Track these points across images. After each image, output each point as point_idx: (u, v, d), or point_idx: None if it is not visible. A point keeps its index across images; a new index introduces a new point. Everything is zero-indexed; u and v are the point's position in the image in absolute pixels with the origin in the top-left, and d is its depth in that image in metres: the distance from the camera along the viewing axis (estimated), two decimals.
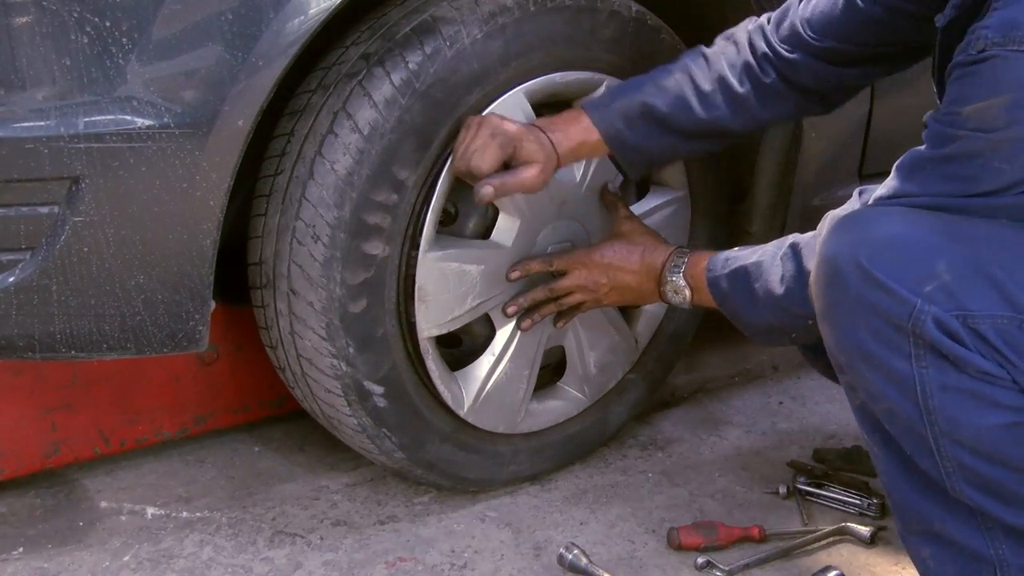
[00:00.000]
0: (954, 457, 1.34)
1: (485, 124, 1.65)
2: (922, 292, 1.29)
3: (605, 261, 1.79)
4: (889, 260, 1.32)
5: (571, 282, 1.80)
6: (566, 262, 1.80)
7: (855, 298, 1.33)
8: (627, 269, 1.78)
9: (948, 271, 1.30)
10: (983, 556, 1.39)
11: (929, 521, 1.41)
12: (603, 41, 1.80)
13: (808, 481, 1.94)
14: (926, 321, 1.29)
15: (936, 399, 1.32)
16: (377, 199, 1.63)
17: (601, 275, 1.79)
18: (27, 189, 1.43)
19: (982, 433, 1.32)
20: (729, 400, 2.33)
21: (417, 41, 1.62)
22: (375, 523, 1.87)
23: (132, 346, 1.58)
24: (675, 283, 1.74)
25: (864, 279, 1.32)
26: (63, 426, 1.92)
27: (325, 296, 1.65)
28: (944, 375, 1.31)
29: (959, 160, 1.34)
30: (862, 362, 1.36)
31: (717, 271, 1.66)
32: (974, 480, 1.35)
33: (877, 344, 1.33)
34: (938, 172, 1.37)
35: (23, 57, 1.39)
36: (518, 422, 1.91)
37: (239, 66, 1.46)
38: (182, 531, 1.85)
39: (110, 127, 1.42)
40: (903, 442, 1.39)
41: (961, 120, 1.32)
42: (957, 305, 1.29)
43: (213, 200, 1.51)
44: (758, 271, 1.59)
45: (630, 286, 1.79)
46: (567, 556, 1.69)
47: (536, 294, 1.82)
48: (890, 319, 1.31)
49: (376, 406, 1.74)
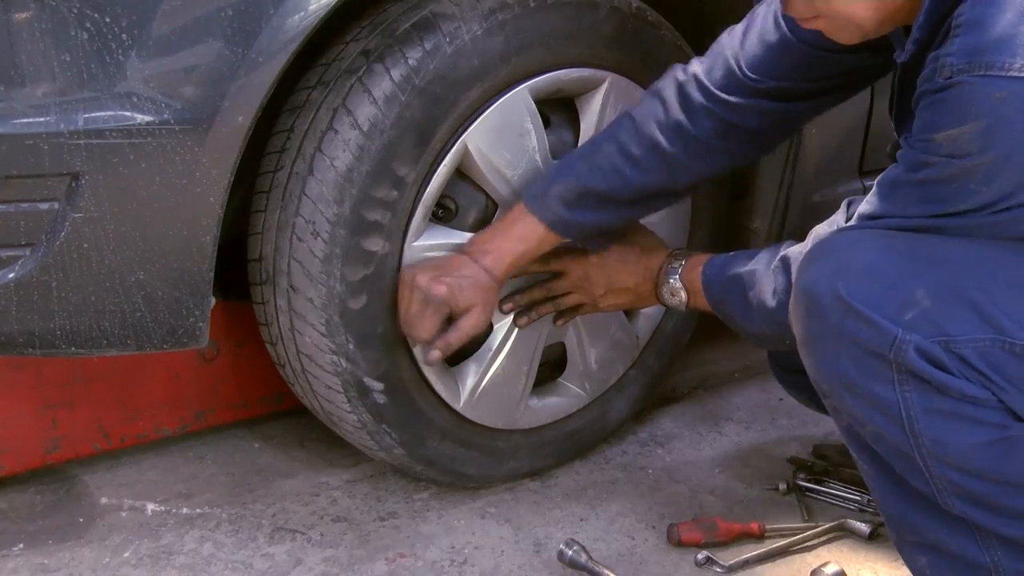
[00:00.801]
0: (943, 476, 1.34)
1: (416, 290, 1.66)
2: (902, 321, 1.29)
3: (601, 262, 1.79)
4: (867, 290, 1.30)
5: (568, 283, 1.81)
6: (563, 263, 1.80)
7: (835, 329, 1.32)
8: (623, 271, 1.78)
9: (927, 297, 1.29)
10: (979, 563, 1.39)
11: (923, 533, 1.41)
12: (604, 37, 1.80)
13: (808, 477, 1.94)
14: (908, 350, 1.28)
15: (921, 423, 1.31)
16: (377, 195, 1.63)
17: (598, 276, 1.79)
18: (27, 185, 1.43)
19: (968, 451, 1.31)
20: (729, 396, 2.33)
21: (417, 37, 1.62)
22: (375, 519, 1.87)
23: (132, 342, 1.58)
24: (672, 286, 1.74)
25: (843, 310, 1.31)
26: (63, 422, 1.92)
27: (325, 292, 1.65)
28: (927, 399, 1.30)
29: (935, 184, 1.33)
30: (845, 391, 1.36)
31: (713, 276, 1.67)
32: (965, 495, 1.34)
33: (859, 373, 1.33)
34: (914, 194, 1.36)
35: (23, 53, 1.39)
36: (517, 418, 1.92)
37: (239, 62, 1.46)
38: (182, 527, 1.85)
39: (110, 123, 1.42)
40: (892, 462, 1.38)
41: (935, 146, 1.30)
42: (938, 331, 1.28)
43: (213, 196, 1.51)
44: (752, 280, 1.59)
45: (627, 287, 1.79)
46: (567, 552, 1.69)
47: (534, 293, 1.82)
48: (871, 349, 1.31)
49: (376, 402, 1.74)
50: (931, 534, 1.40)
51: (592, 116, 1.84)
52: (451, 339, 1.70)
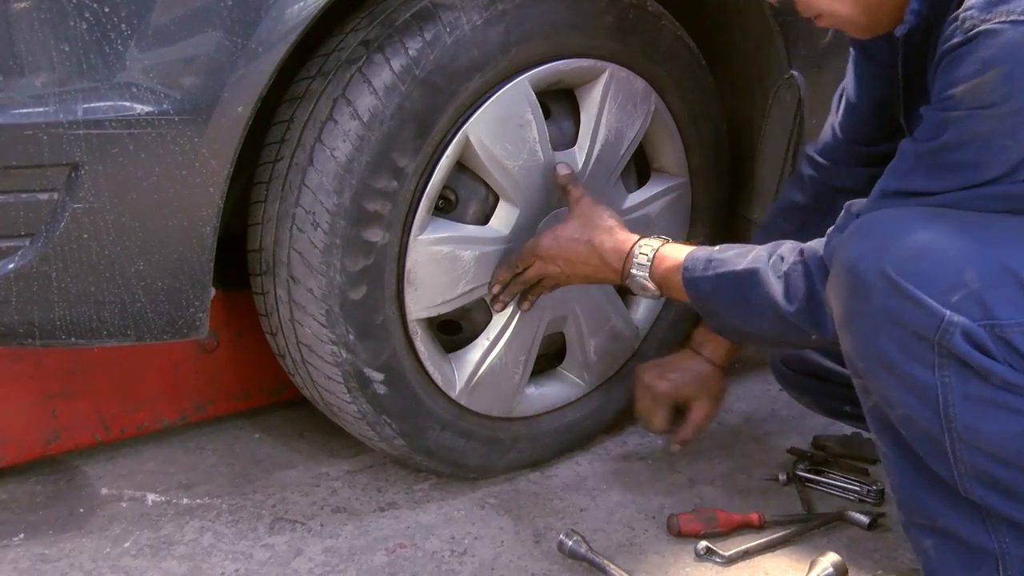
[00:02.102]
0: (970, 462, 1.33)
1: (644, 388, 1.86)
2: (950, 302, 1.27)
3: (552, 252, 1.74)
4: (916, 269, 1.29)
5: (534, 273, 1.78)
6: (523, 259, 1.77)
7: (879, 308, 1.31)
8: (575, 260, 1.74)
9: (976, 279, 1.27)
10: (986, 549, 1.39)
11: (933, 516, 1.41)
12: (604, 28, 1.79)
13: (808, 468, 1.94)
14: (954, 334, 1.27)
15: (957, 408, 1.31)
16: (377, 186, 1.63)
17: (552, 264, 1.75)
18: (26, 175, 1.43)
19: (1002, 440, 1.31)
20: (729, 387, 2.32)
21: (417, 27, 1.62)
22: (375, 510, 1.87)
23: (132, 333, 1.58)
24: (641, 283, 1.68)
25: (890, 289, 1.30)
26: (63, 413, 1.92)
27: (325, 283, 1.65)
28: (966, 385, 1.30)
29: (960, 146, 1.32)
30: (883, 370, 1.34)
31: (697, 272, 1.61)
32: (987, 481, 1.34)
33: (900, 353, 1.31)
34: (940, 164, 1.34)
35: (22, 43, 1.39)
36: (514, 406, 1.92)
37: (238, 52, 1.46)
38: (182, 518, 1.85)
39: (109, 113, 1.42)
40: (917, 446, 1.38)
41: (955, 103, 1.29)
42: (986, 315, 1.27)
43: (213, 187, 1.51)
44: (754, 280, 1.53)
45: (587, 276, 1.76)
46: (567, 543, 1.70)
47: (513, 288, 1.81)
48: (916, 330, 1.29)
49: (376, 393, 1.74)
50: (942, 519, 1.40)
51: (592, 107, 1.83)
52: (687, 432, 1.87)
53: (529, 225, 1.81)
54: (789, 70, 1.97)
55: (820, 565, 1.63)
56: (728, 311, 1.60)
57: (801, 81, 1.97)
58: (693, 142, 2.01)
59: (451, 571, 1.70)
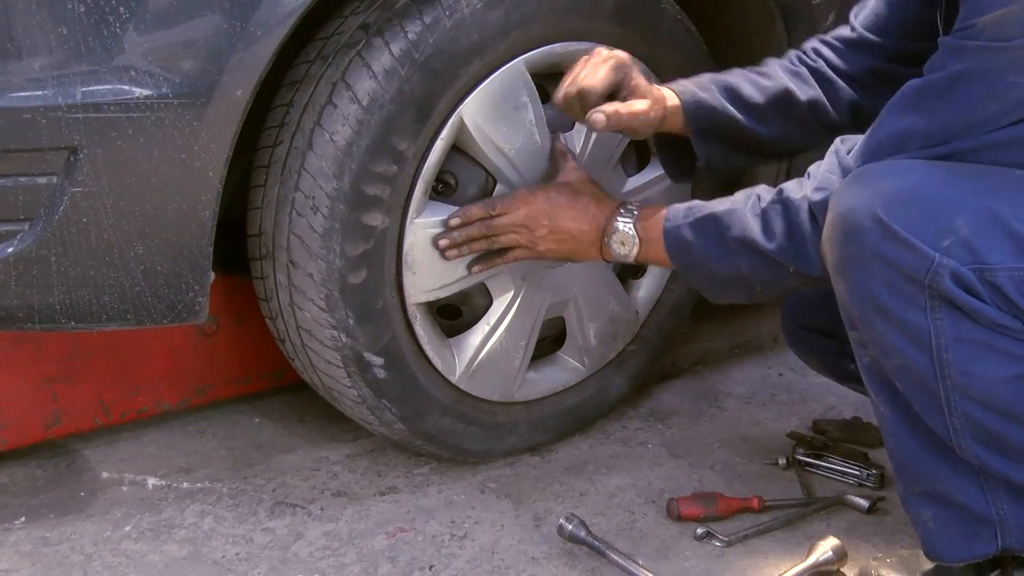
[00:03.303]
0: (964, 412, 1.34)
1: (597, 52, 1.69)
2: (940, 246, 1.29)
3: (549, 202, 1.71)
4: (908, 214, 1.31)
5: (509, 220, 1.71)
6: (507, 203, 1.72)
7: (872, 251, 1.33)
8: (568, 215, 1.70)
9: (967, 225, 1.29)
10: (984, 516, 1.41)
11: (932, 481, 1.42)
12: (603, 11, 1.79)
13: (807, 452, 1.94)
14: (943, 276, 1.29)
15: (951, 351, 1.32)
16: (376, 170, 1.63)
17: (542, 216, 1.70)
18: (25, 159, 1.42)
19: (995, 385, 1.32)
20: (729, 372, 2.33)
21: (416, 11, 1.62)
22: (375, 494, 1.88)
23: (132, 317, 1.58)
24: (623, 232, 1.65)
25: (882, 233, 1.31)
26: (64, 397, 1.92)
27: (325, 267, 1.65)
28: (958, 328, 1.31)
29: (971, 78, 1.32)
30: (876, 315, 1.36)
31: (678, 220, 1.60)
32: (981, 436, 1.35)
33: (892, 297, 1.33)
34: (947, 96, 1.35)
35: (20, 26, 1.38)
36: (514, 391, 1.92)
37: (237, 36, 1.45)
38: (183, 501, 1.85)
39: (108, 97, 1.42)
40: (913, 398, 1.39)
41: (975, 32, 1.29)
42: (975, 259, 1.29)
43: (212, 171, 1.51)
44: (731, 220, 1.53)
45: (570, 232, 1.70)
46: (567, 527, 1.70)
47: (471, 230, 1.73)
48: (906, 273, 1.31)
49: (376, 377, 1.74)
50: (940, 483, 1.41)
51: None
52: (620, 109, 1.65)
53: None
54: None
55: (819, 549, 1.63)
56: (705, 255, 1.58)
57: None
58: None
59: (451, 555, 1.71)
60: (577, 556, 1.69)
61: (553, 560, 1.69)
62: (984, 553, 1.43)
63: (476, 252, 1.75)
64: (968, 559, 1.45)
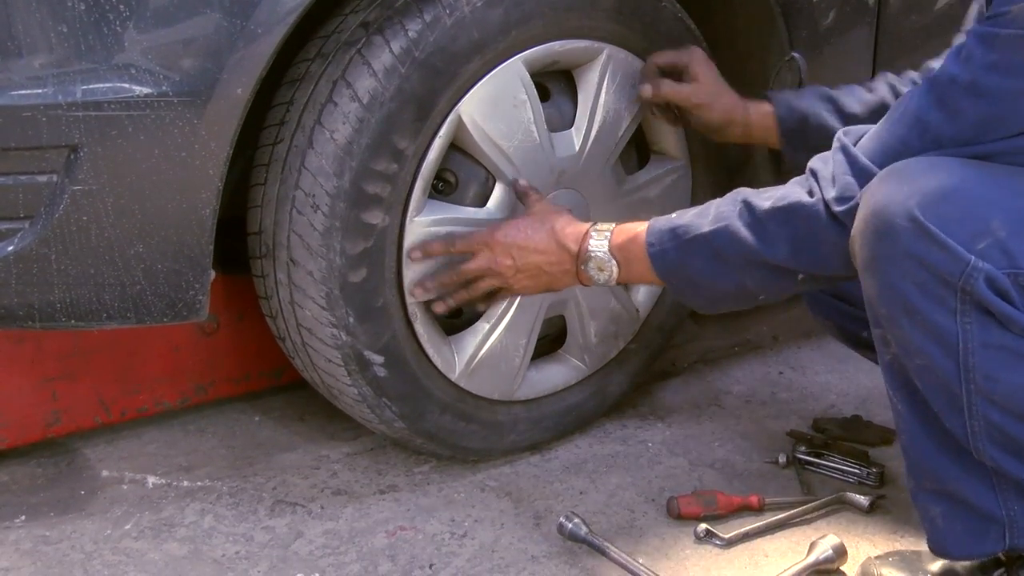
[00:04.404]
0: (984, 416, 1.33)
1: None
2: (976, 249, 1.28)
3: (508, 240, 1.68)
4: (944, 214, 1.29)
5: (476, 265, 1.70)
6: (469, 243, 1.70)
7: (904, 250, 1.31)
8: (533, 248, 1.67)
9: (1003, 227, 1.28)
10: (994, 516, 1.40)
11: (943, 480, 1.42)
12: (604, 9, 1.79)
13: (807, 451, 1.94)
14: (978, 279, 1.28)
15: (977, 356, 1.31)
16: (376, 168, 1.63)
17: (504, 256, 1.68)
18: (25, 157, 1.42)
19: (1020, 392, 1.32)
20: (729, 370, 2.33)
21: (416, 9, 1.61)
22: (375, 492, 1.88)
23: (132, 315, 1.58)
24: (599, 259, 1.62)
25: (917, 232, 1.29)
26: (64, 395, 1.92)
27: (325, 266, 1.65)
28: (987, 332, 1.30)
29: (1005, 70, 1.29)
30: (904, 315, 1.34)
31: (664, 244, 1.56)
32: (1000, 440, 1.34)
33: (922, 298, 1.31)
34: (978, 90, 1.32)
35: (20, 24, 1.38)
36: (514, 389, 1.92)
37: (238, 34, 1.45)
38: (183, 500, 1.85)
39: (108, 95, 1.42)
40: (933, 399, 1.38)
41: (1007, 21, 1.27)
42: (1010, 263, 1.28)
43: (212, 169, 1.51)
44: (726, 237, 1.50)
45: (540, 267, 1.68)
46: (567, 525, 1.70)
47: (443, 278, 1.73)
48: (939, 274, 1.29)
49: (376, 376, 1.74)
50: (952, 482, 1.41)
51: (590, 88, 1.83)
52: (664, 85, 1.82)
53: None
54: (790, 51, 1.96)
55: (819, 547, 1.64)
56: (703, 275, 1.55)
57: (802, 62, 1.96)
58: None
59: (451, 553, 1.71)
60: (577, 555, 1.69)
61: (553, 558, 1.69)
62: (991, 551, 1.43)
63: (462, 301, 1.76)
64: (974, 556, 1.45)
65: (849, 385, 2.24)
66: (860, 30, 2.03)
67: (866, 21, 2.03)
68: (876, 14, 2.03)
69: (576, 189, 1.87)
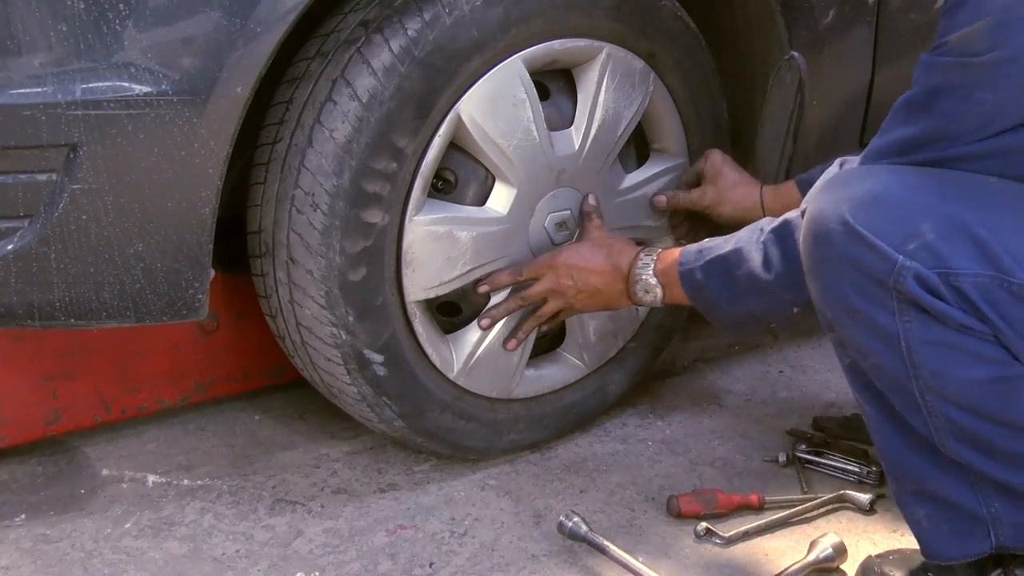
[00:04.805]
0: (941, 412, 1.34)
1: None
2: (905, 249, 1.30)
3: (569, 262, 1.78)
4: (874, 217, 1.32)
5: (540, 288, 1.81)
6: (533, 269, 1.80)
7: (839, 253, 1.34)
8: (591, 269, 1.78)
9: (932, 230, 1.30)
10: (976, 515, 1.40)
11: (922, 480, 1.42)
12: (603, 8, 1.79)
13: (807, 449, 1.94)
14: (907, 277, 1.29)
15: (920, 353, 1.32)
16: (376, 167, 1.63)
17: (566, 277, 1.79)
18: (25, 156, 1.42)
19: (967, 387, 1.32)
20: (729, 369, 2.33)
21: (416, 8, 1.61)
22: (375, 491, 1.88)
23: (131, 314, 1.58)
24: (646, 281, 1.73)
25: (849, 235, 1.32)
26: (64, 394, 1.92)
27: (324, 265, 1.65)
28: (927, 329, 1.31)
29: (944, 93, 1.33)
30: (848, 317, 1.37)
31: (691, 263, 1.65)
32: (961, 436, 1.35)
33: (861, 299, 1.34)
34: (922, 108, 1.36)
35: (19, 22, 1.38)
36: (512, 388, 1.92)
37: (237, 32, 1.45)
38: (183, 499, 1.85)
39: (108, 94, 1.42)
40: (892, 398, 1.39)
41: (947, 49, 1.31)
42: (939, 263, 1.29)
43: (212, 168, 1.51)
44: (737, 258, 1.58)
45: (597, 288, 1.78)
46: (567, 524, 1.70)
47: (509, 304, 1.83)
48: (873, 275, 1.32)
49: (376, 374, 1.74)
50: (930, 482, 1.42)
51: (589, 87, 1.83)
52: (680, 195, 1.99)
53: (527, 205, 1.81)
54: (790, 51, 1.96)
55: (819, 546, 1.64)
56: (719, 295, 1.63)
57: (802, 62, 1.96)
58: (692, 123, 2.01)
59: (451, 552, 1.71)
60: (577, 553, 1.69)
61: (553, 557, 1.69)
62: (978, 551, 1.43)
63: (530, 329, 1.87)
64: (962, 558, 1.44)
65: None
66: (860, 29, 2.03)
67: (866, 20, 2.03)
68: (876, 13, 2.02)
69: (575, 188, 1.87)
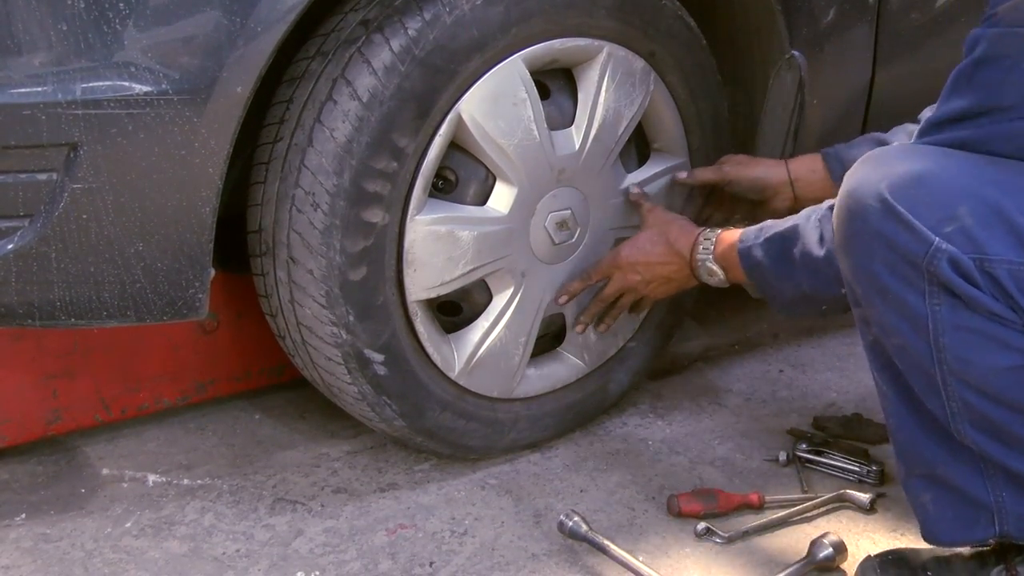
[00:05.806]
0: (961, 397, 1.35)
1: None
2: (941, 232, 1.29)
3: (632, 259, 1.84)
4: (912, 196, 1.31)
5: (612, 289, 1.89)
6: (600, 271, 1.88)
7: (874, 230, 1.33)
8: (655, 262, 1.83)
9: (970, 215, 1.29)
10: (982, 502, 1.41)
11: (932, 464, 1.43)
12: (604, 7, 1.79)
13: (808, 448, 1.94)
14: (941, 260, 1.29)
15: (947, 337, 1.32)
16: (376, 166, 1.63)
17: (632, 273, 1.85)
18: (25, 156, 1.42)
19: (990, 374, 1.33)
20: (729, 368, 2.33)
21: (416, 7, 1.61)
22: (376, 490, 1.88)
23: (132, 314, 1.58)
24: (708, 267, 1.76)
25: (885, 212, 1.32)
26: (64, 393, 1.92)
27: (325, 264, 1.65)
28: (956, 315, 1.31)
29: (988, 63, 1.32)
30: (877, 295, 1.37)
31: (750, 241, 1.67)
32: (979, 422, 1.35)
33: (892, 278, 1.34)
34: (970, 79, 1.35)
35: (19, 22, 1.38)
36: (514, 387, 1.92)
37: (238, 32, 1.45)
38: (183, 498, 1.85)
39: (108, 93, 1.42)
40: (912, 379, 1.39)
41: (997, 19, 1.31)
42: (975, 248, 1.29)
43: (212, 167, 1.51)
44: (794, 235, 1.59)
45: (665, 276, 1.84)
46: (567, 523, 1.70)
47: (592, 309, 1.93)
48: (906, 255, 1.32)
49: (376, 374, 1.74)
50: (940, 467, 1.42)
51: (590, 86, 1.83)
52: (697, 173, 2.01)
53: (527, 205, 1.81)
54: (790, 50, 1.96)
55: (820, 545, 1.63)
56: (775, 274, 1.64)
57: (802, 61, 1.96)
58: (693, 122, 2.01)
59: (451, 551, 1.71)
60: (577, 553, 1.69)
61: (553, 557, 1.69)
62: (981, 537, 1.43)
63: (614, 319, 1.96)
64: (964, 543, 1.46)
65: (849, 383, 2.24)
66: (860, 28, 2.03)
67: (866, 19, 2.03)
68: (876, 12, 2.02)
69: (576, 187, 1.87)
